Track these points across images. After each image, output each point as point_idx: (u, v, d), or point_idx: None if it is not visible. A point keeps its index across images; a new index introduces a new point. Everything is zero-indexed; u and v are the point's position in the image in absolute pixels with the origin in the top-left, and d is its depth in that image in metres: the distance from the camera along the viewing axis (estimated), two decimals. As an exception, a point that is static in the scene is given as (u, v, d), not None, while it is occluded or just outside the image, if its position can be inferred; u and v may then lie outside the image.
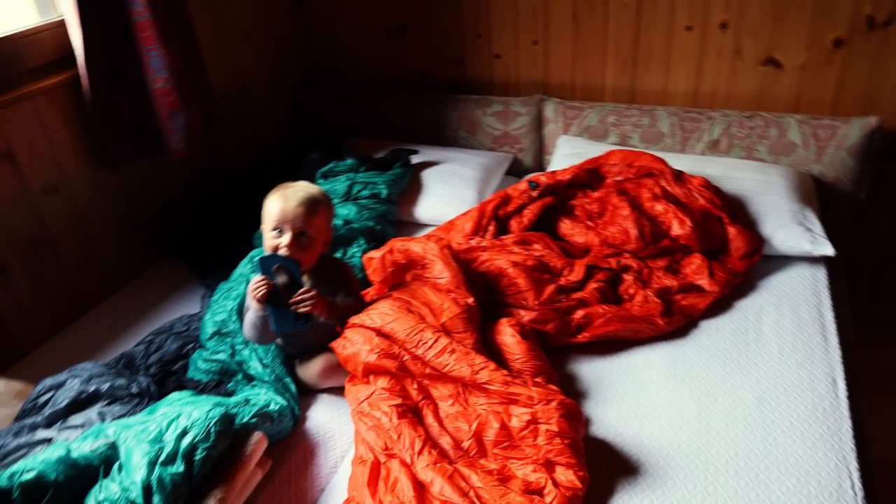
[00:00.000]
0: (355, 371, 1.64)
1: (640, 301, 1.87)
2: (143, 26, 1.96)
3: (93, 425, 1.44)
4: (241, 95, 2.72)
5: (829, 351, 1.70)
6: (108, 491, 1.25)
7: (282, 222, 1.66)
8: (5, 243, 1.90)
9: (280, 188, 1.72)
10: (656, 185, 2.14)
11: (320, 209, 1.71)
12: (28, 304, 1.98)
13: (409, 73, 2.95)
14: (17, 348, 1.96)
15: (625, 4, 2.48)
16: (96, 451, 1.32)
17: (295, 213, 1.65)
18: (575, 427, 1.44)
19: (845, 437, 1.46)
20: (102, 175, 2.16)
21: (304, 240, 1.67)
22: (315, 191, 1.73)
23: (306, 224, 1.67)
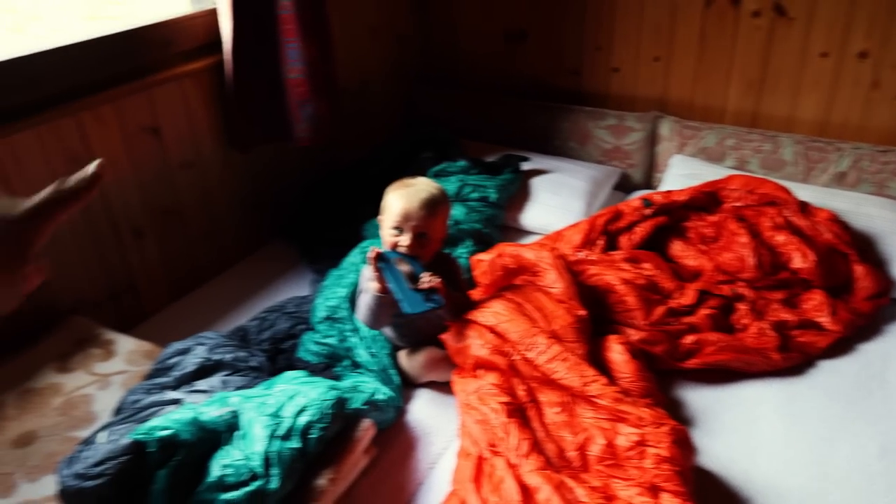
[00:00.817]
0: (464, 363, 1.66)
1: (755, 333, 1.81)
2: (286, 19, 2.04)
3: (217, 392, 1.51)
4: (360, 90, 2.78)
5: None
6: (232, 457, 1.32)
7: (403, 222, 1.68)
8: (144, 211, 2.02)
9: (402, 185, 1.74)
10: (778, 215, 2.07)
11: (441, 210, 1.73)
12: (155, 270, 2.10)
13: (523, 80, 2.96)
14: (142, 310, 2.08)
15: (757, 26, 2.42)
16: (222, 418, 1.38)
17: (418, 216, 1.68)
18: (685, 455, 1.41)
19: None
20: (232, 155, 2.27)
21: (423, 240, 1.70)
22: (437, 191, 1.75)
23: (427, 225, 1.69)
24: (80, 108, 1.79)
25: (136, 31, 1.92)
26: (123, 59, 1.91)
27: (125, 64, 1.91)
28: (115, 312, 2.00)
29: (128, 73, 1.92)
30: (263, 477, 1.28)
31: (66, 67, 1.77)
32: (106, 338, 1.79)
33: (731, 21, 2.46)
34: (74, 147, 1.80)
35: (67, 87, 1.78)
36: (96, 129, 1.84)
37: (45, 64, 1.72)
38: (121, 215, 1.96)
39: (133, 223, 2.00)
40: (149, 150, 2.00)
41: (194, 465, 1.33)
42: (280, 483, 1.28)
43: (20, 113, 1.68)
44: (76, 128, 1.79)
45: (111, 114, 1.87)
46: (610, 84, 2.79)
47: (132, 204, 1.98)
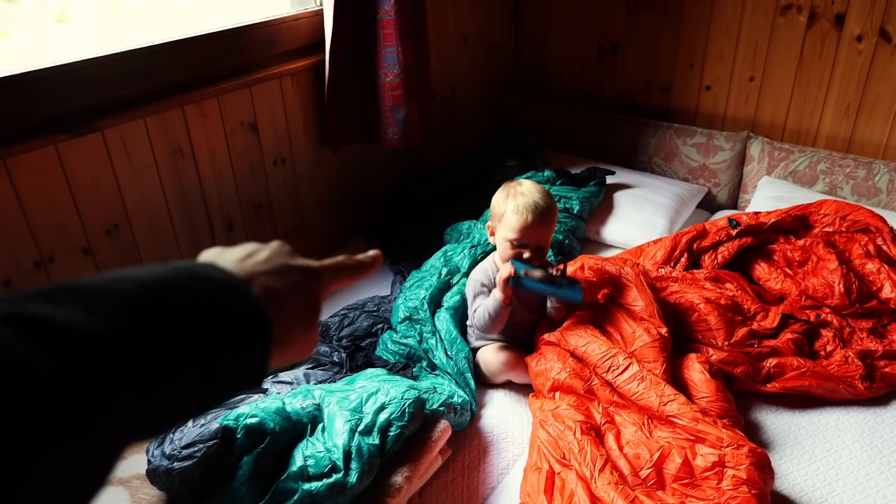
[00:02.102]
0: (541, 388, 1.68)
1: (839, 360, 1.78)
2: (386, 24, 2.10)
3: (300, 384, 1.57)
4: (450, 97, 2.84)
5: None
6: (314, 448, 1.36)
7: (525, 238, 1.71)
8: (236, 204, 2.11)
9: (516, 194, 1.74)
10: (870, 243, 2.03)
11: (555, 219, 1.77)
12: None
13: (612, 94, 2.97)
14: None
15: (858, 51, 2.37)
16: (306, 409, 1.44)
17: (539, 232, 1.72)
18: (764, 478, 1.40)
19: None
20: (323, 154, 2.34)
21: (542, 251, 1.75)
22: (550, 201, 1.75)
23: (546, 238, 1.74)
24: (186, 101, 1.87)
25: (241, 29, 2.00)
26: (228, 56, 1.99)
27: (230, 61, 2.00)
28: None
29: (231, 69, 2.00)
30: (343, 470, 1.32)
31: (174, 62, 1.86)
32: None
33: (832, 44, 2.42)
34: (178, 138, 1.89)
35: (175, 81, 1.87)
36: (199, 123, 1.93)
37: (154, 58, 1.81)
38: (216, 206, 2.04)
39: (226, 215, 2.08)
40: (246, 145, 2.08)
41: (278, 453, 1.38)
42: (359, 477, 1.31)
43: (130, 104, 1.77)
44: (181, 120, 1.88)
45: (214, 108, 1.96)
46: (700, 102, 2.77)
47: (227, 196, 2.07)
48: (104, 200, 1.76)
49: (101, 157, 1.72)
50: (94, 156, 1.71)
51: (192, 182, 1.96)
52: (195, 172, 1.96)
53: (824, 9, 2.39)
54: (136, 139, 1.79)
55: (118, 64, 1.73)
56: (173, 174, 1.90)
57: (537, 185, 1.78)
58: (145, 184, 1.84)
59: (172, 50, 1.85)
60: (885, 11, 2.29)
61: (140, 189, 1.83)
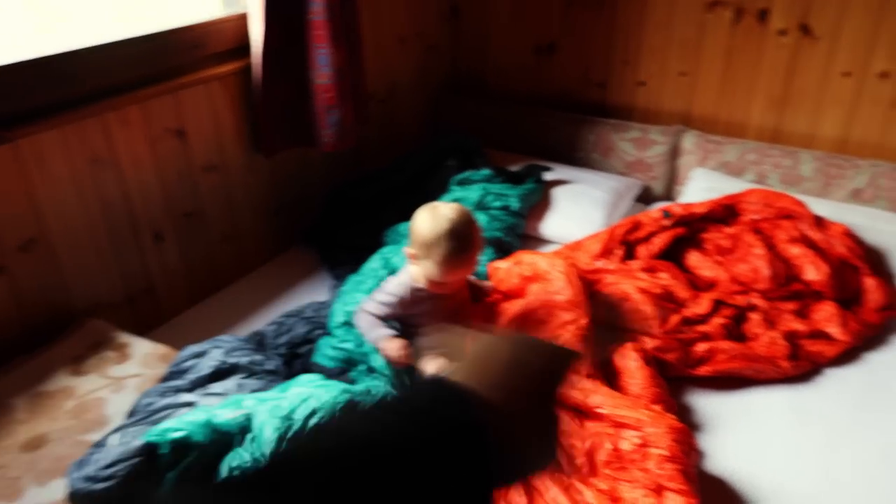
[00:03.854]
0: None
1: (766, 342, 1.85)
2: (317, 25, 2.08)
3: (232, 395, 1.53)
4: (388, 98, 2.85)
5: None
6: (241, 458, 1.34)
7: (451, 281, 1.73)
8: (165, 214, 2.05)
9: (447, 238, 1.65)
10: (794, 228, 2.11)
11: (481, 248, 1.77)
12: (175, 273, 2.12)
13: (550, 91, 3.02)
14: (160, 313, 2.09)
15: (782, 45, 2.46)
16: (235, 420, 1.40)
17: (464, 273, 1.74)
18: (686, 452, 1.45)
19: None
20: (256, 159, 2.29)
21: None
22: (473, 237, 1.71)
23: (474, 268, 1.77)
24: (106, 108, 1.80)
25: (165, 33, 1.94)
26: (152, 60, 1.92)
27: (153, 66, 1.92)
28: (132, 315, 2.00)
29: (155, 74, 1.93)
30: None
31: (93, 68, 1.78)
32: (121, 341, 1.77)
33: (757, 38, 2.51)
34: (99, 147, 1.81)
35: (94, 88, 1.79)
36: (121, 130, 1.86)
37: (73, 64, 1.73)
38: (142, 217, 1.97)
39: (154, 226, 2.01)
40: (173, 153, 2.02)
41: (206, 467, 1.35)
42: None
43: (45, 112, 1.69)
44: (101, 129, 1.81)
45: (137, 115, 1.89)
46: (635, 97, 2.84)
47: (154, 206, 2.00)
48: (17, 214, 1.69)
49: (12, 169, 1.66)
50: (4, 168, 1.64)
51: (115, 192, 1.89)
52: (118, 182, 1.89)
53: (749, 4, 2.48)
54: (53, 149, 1.72)
55: (33, 71, 1.67)
56: (94, 185, 1.83)
57: (461, 219, 1.69)
58: (63, 195, 1.76)
59: (91, 55, 1.78)
60: (805, 6, 2.38)
61: (57, 201, 1.76)
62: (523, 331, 1.79)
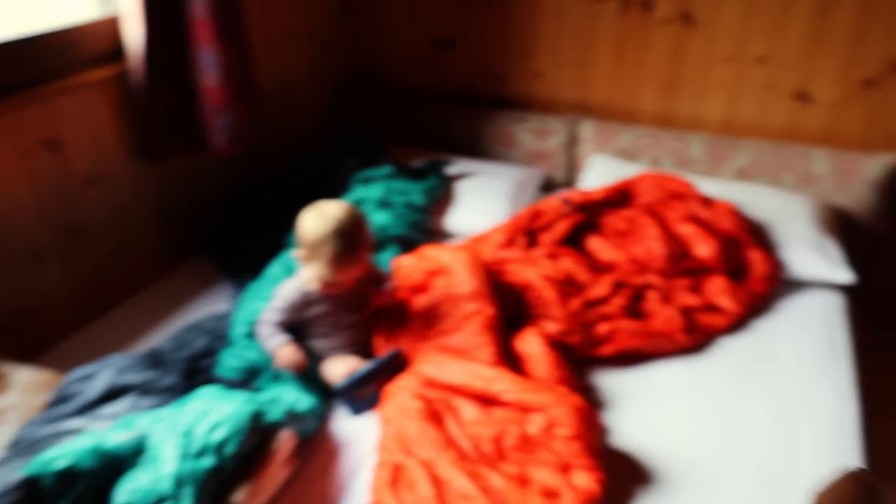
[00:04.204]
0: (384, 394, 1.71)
1: (663, 318, 1.93)
2: (200, 25, 2.02)
3: (124, 416, 1.47)
4: (284, 98, 2.79)
5: (842, 372, 1.77)
6: (139, 481, 1.29)
7: (341, 279, 1.72)
8: (44, 231, 1.92)
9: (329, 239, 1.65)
10: (684, 208, 2.21)
11: (368, 243, 1.76)
12: (60, 293, 2.00)
13: (450, 85, 3.05)
14: (47, 337, 1.98)
15: (667, 33, 2.57)
16: (128, 442, 1.35)
17: (353, 270, 1.72)
18: (590, 429, 1.50)
19: (853, 454, 1.53)
20: (144, 168, 2.19)
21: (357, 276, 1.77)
22: (360, 234, 1.70)
23: (360, 269, 1.76)
24: None
25: (32, 37, 1.83)
26: (18, 67, 1.81)
27: (20, 73, 1.81)
28: (14, 343, 1.88)
29: (23, 82, 1.82)
30: (173, 498, 1.26)
31: None
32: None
33: (643, 27, 2.60)
34: None
35: None
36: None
37: None
38: (17, 236, 1.85)
39: (30, 245, 1.89)
40: (48, 165, 1.89)
41: (98, 494, 1.30)
42: (192, 502, 1.26)
43: None
44: None
45: (4, 126, 1.77)
46: (533, 88, 2.90)
47: (28, 224, 1.87)
48: None
49: None
50: None
51: None
52: None
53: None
54: None
55: None
56: None
57: (346, 217, 1.68)
58: None
59: None
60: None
61: None
62: (428, 329, 1.81)
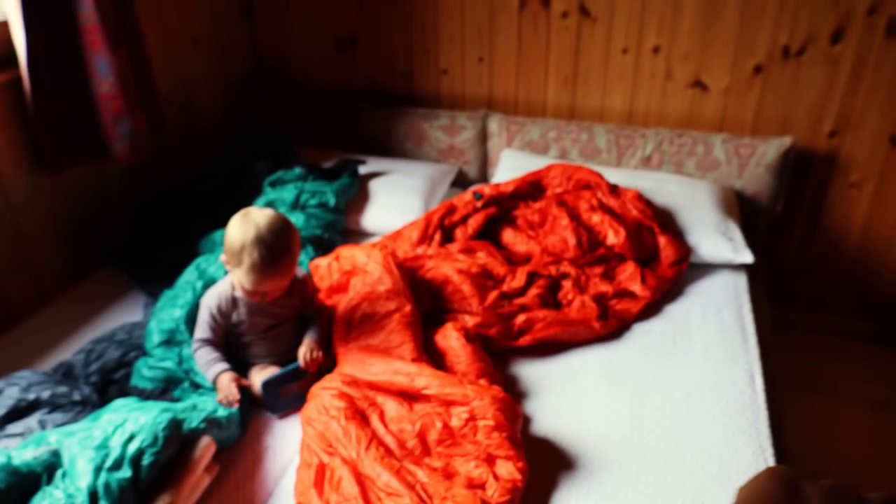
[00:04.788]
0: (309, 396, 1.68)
1: (578, 306, 1.97)
2: (90, 30, 1.95)
3: (33, 433, 1.42)
4: (187, 102, 2.73)
5: (749, 351, 1.85)
6: (52, 498, 1.25)
7: (262, 289, 1.67)
8: None
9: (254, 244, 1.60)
10: (593, 197, 2.26)
11: (294, 260, 1.70)
12: None
13: (357, 84, 3.02)
14: None
15: (566, 27, 2.61)
16: (39, 459, 1.31)
17: (275, 283, 1.68)
18: (511, 420, 1.51)
19: (762, 428, 1.59)
20: (41, 179, 2.10)
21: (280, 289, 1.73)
22: (285, 245, 1.65)
23: (284, 284, 1.71)
24: None
25: None
26: None
27: None
28: None
29: None
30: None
31: None
32: None
33: (543, 22, 2.64)
34: None
35: None
36: None
37: None
38: None
39: None
40: None
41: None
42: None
43: None
44: None
45: None
46: (440, 85, 2.91)
47: None
48: None
49: None
50: None
51: None
52: None
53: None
54: None
55: None
56: None
57: (273, 226, 1.64)
58: None
59: None
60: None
61: None
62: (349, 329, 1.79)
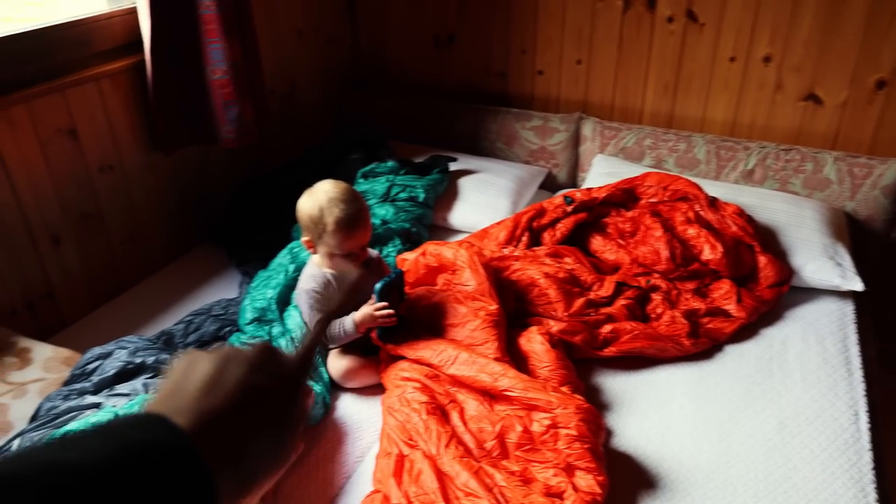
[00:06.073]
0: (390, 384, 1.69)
1: (668, 321, 1.90)
2: (208, 19, 2.04)
3: (139, 395, 1.50)
4: (289, 92, 2.80)
5: (853, 384, 1.73)
6: None
7: (350, 249, 1.72)
8: (61, 216, 1.98)
9: (327, 208, 1.68)
10: (690, 210, 2.18)
11: (368, 214, 1.76)
12: (75, 276, 2.06)
13: (452, 82, 3.02)
14: (61, 318, 2.04)
15: (670, 31, 2.53)
16: None
17: (361, 238, 1.73)
18: (594, 431, 1.48)
19: (865, 470, 1.49)
20: (155, 158, 2.24)
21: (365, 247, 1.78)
22: (358, 203, 1.72)
23: (367, 237, 1.76)
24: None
25: (49, 29, 1.88)
26: (37, 58, 1.87)
27: (38, 64, 1.87)
28: (32, 321, 1.95)
29: (42, 73, 1.88)
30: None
31: None
32: (22, 346, 1.74)
33: (647, 25, 2.57)
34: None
35: None
36: (7, 132, 1.80)
37: None
38: (37, 221, 1.91)
39: (50, 229, 1.95)
40: (66, 153, 1.96)
41: None
42: None
43: None
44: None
45: (24, 116, 1.83)
46: (535, 86, 2.87)
47: (49, 209, 1.94)
48: None
49: None
50: None
51: (6, 196, 1.83)
52: (9, 185, 1.82)
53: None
54: None
55: None
56: None
57: (339, 188, 1.72)
58: None
59: None
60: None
61: None
62: (434, 322, 1.79)
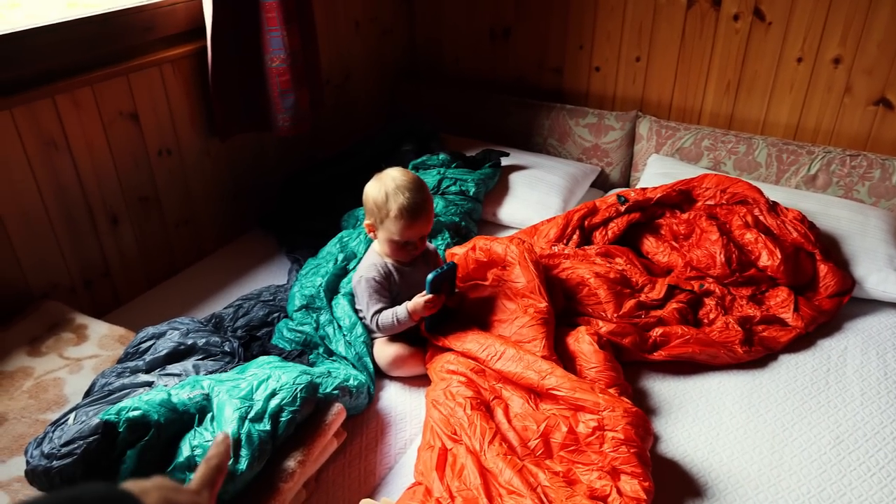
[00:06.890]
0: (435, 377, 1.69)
1: (721, 327, 1.86)
2: (269, 7, 2.05)
3: (189, 375, 1.53)
4: (343, 82, 2.81)
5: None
6: (202, 437, 1.34)
7: (410, 238, 1.74)
8: (120, 198, 2.03)
9: (393, 195, 1.70)
10: (748, 214, 2.12)
11: (432, 207, 1.79)
12: (131, 256, 2.10)
13: (507, 76, 2.99)
14: (117, 297, 2.09)
15: (735, 30, 2.46)
16: (193, 400, 1.40)
17: (422, 228, 1.74)
18: (641, 436, 1.45)
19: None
20: (211, 144, 2.27)
21: (424, 238, 1.80)
22: (424, 193, 1.74)
23: (428, 228, 1.78)
24: (57, 90, 1.78)
25: (115, 14, 1.92)
26: (102, 42, 1.90)
27: (104, 47, 1.91)
28: (89, 298, 2.01)
29: (107, 56, 1.92)
30: (233, 457, 1.30)
31: (43, 49, 1.77)
32: (79, 322, 1.79)
33: (711, 23, 2.51)
34: (51, 129, 1.80)
35: (45, 70, 1.78)
36: (73, 113, 1.84)
37: (21, 45, 1.72)
38: (97, 201, 1.96)
39: (110, 209, 2.00)
40: (127, 136, 2.00)
41: (164, 445, 1.36)
42: (249, 464, 1.30)
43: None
44: (52, 110, 1.79)
45: (89, 98, 1.87)
46: (591, 83, 2.83)
47: (109, 189, 1.98)
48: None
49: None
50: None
51: (70, 175, 1.87)
52: (72, 165, 1.87)
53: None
54: (3, 131, 1.70)
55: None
56: (48, 167, 1.81)
57: (407, 177, 1.75)
58: (16, 178, 1.75)
59: (39, 36, 1.75)
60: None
61: (10, 184, 1.74)
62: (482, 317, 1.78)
